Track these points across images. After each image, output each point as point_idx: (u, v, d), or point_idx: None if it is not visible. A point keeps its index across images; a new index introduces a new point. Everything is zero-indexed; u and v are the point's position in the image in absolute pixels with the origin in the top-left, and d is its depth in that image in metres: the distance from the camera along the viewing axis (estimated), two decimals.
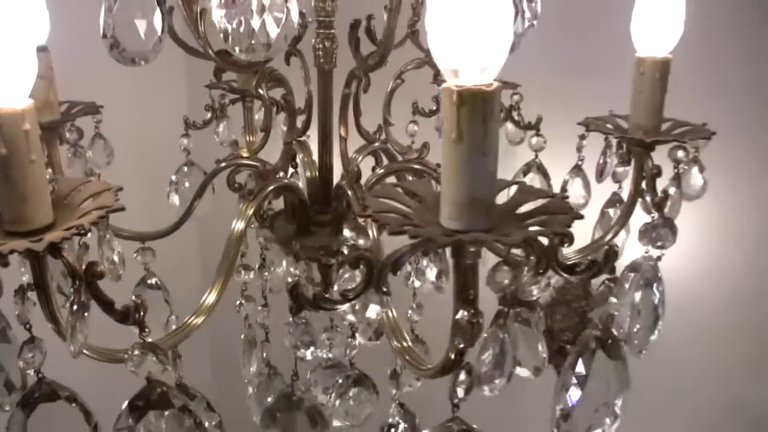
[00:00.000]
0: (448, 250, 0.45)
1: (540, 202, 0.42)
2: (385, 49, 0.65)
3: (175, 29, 0.64)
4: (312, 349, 0.56)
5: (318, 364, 0.77)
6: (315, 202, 0.75)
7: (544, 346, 0.54)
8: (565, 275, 0.43)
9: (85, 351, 0.51)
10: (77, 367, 0.54)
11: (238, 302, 0.84)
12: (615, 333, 0.51)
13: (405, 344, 0.53)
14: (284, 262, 0.87)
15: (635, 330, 0.61)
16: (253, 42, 0.51)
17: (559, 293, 1.83)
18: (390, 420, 0.61)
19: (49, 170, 0.71)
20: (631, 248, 0.72)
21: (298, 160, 0.78)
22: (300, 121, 0.75)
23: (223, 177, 0.78)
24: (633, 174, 0.69)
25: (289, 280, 0.79)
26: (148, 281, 0.73)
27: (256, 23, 0.52)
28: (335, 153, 0.75)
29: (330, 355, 0.77)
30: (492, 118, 0.40)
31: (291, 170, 0.78)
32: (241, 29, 0.51)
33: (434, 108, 0.95)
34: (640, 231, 0.65)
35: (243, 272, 0.81)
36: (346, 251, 0.43)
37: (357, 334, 0.73)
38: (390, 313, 0.53)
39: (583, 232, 0.59)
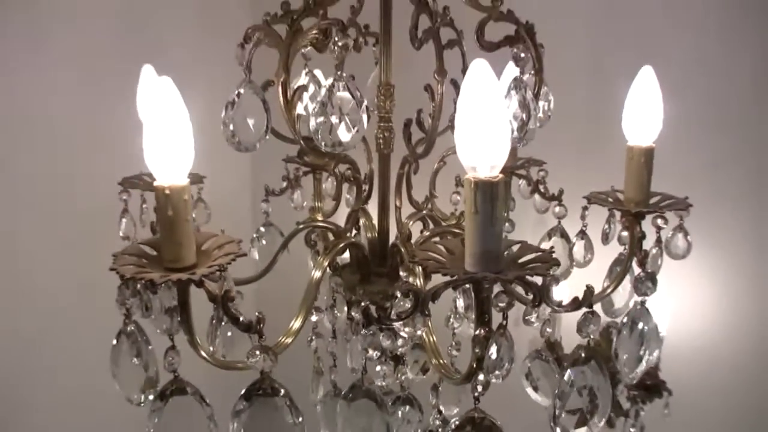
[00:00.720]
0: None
1: (534, 255, 0.61)
2: (429, 143, 0.85)
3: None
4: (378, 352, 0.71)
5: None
6: (374, 257, 0.95)
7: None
8: (555, 308, 0.61)
9: (207, 357, 0.71)
10: None
11: (309, 337, 1.03)
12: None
13: (441, 361, 0.71)
14: (344, 308, 1.07)
15: (625, 357, 0.78)
16: (332, 138, 0.73)
17: (587, 353, 1.94)
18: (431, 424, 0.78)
19: None
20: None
21: (361, 224, 0.98)
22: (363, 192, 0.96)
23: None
24: (629, 238, 0.86)
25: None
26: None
27: (336, 125, 0.73)
28: (391, 219, 0.96)
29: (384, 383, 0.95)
30: (498, 198, 0.59)
31: (355, 231, 0.99)
32: (324, 128, 0.72)
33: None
34: (632, 284, 0.82)
35: (314, 312, 1.01)
36: (399, 293, 0.60)
37: (407, 368, 0.90)
38: (431, 336, 0.72)
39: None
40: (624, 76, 0.86)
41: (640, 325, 0.78)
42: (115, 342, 0.74)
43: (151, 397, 0.76)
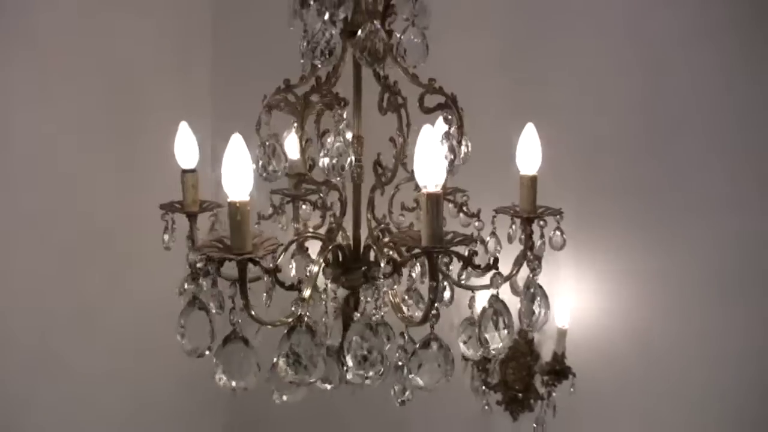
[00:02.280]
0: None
1: (461, 237, 1.02)
2: (391, 176, 1.27)
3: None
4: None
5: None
6: (351, 257, 1.35)
7: None
8: (474, 268, 1.02)
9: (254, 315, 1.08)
10: None
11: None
12: None
13: (404, 312, 1.11)
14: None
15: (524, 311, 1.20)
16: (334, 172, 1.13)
17: (510, 351, 2.39)
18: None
19: None
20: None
21: (339, 235, 1.37)
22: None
23: None
24: (524, 236, 1.29)
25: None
26: None
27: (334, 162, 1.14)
28: (362, 230, 1.36)
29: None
30: (440, 204, 1.00)
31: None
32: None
33: (414, 206, 1.57)
34: (528, 266, 1.25)
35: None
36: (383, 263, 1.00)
37: None
38: (395, 299, 1.11)
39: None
40: (518, 129, 1.30)
41: (532, 290, 1.21)
42: (185, 309, 1.11)
43: (207, 351, 1.12)
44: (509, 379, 2.34)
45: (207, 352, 1.13)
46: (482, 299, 1.20)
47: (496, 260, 1.08)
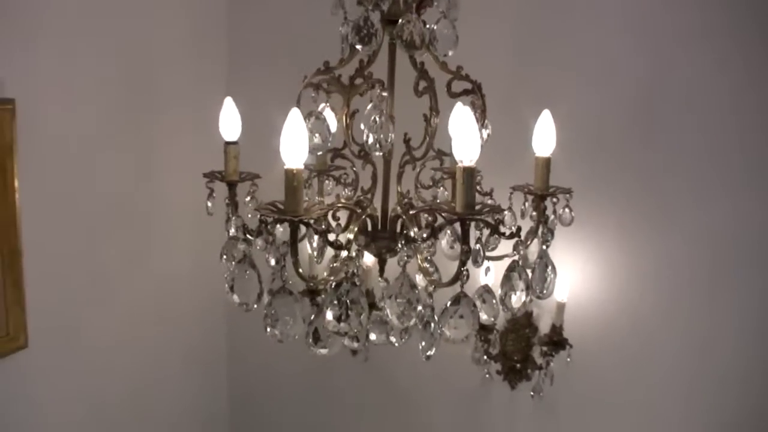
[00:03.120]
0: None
1: (490, 207, 1.15)
2: (425, 153, 1.40)
3: None
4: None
5: None
6: (381, 226, 1.48)
7: None
8: (499, 234, 1.16)
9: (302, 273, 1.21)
10: None
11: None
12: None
13: (431, 275, 1.24)
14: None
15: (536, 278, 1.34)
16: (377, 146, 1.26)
17: (510, 323, 2.55)
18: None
19: None
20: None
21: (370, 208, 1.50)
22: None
23: None
24: (537, 212, 1.43)
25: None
26: None
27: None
28: (390, 202, 1.49)
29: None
30: (473, 177, 1.13)
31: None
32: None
33: (430, 184, 1.69)
34: (539, 237, 1.39)
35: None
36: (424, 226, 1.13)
37: None
38: (425, 263, 1.24)
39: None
40: (534, 115, 1.44)
41: (544, 259, 1.35)
42: (236, 265, 1.23)
43: (255, 305, 1.25)
44: (508, 350, 2.49)
45: (255, 306, 1.25)
46: (495, 272, 1.35)
47: (519, 228, 1.22)
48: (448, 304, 1.18)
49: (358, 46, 1.34)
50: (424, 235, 1.15)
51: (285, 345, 1.29)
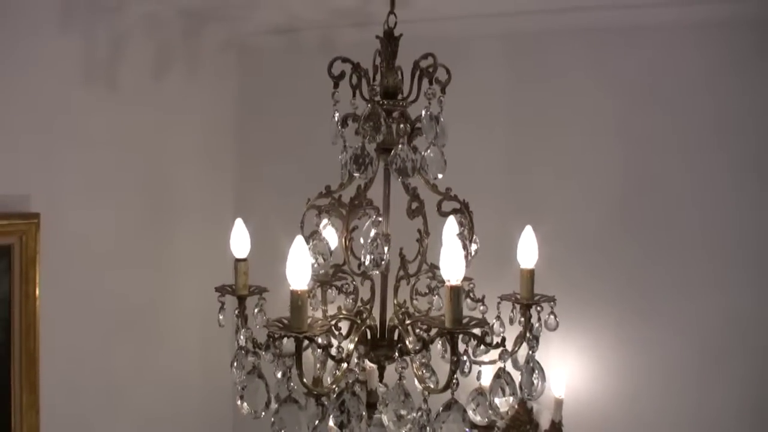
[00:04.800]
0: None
1: (476, 320, 1.27)
2: (418, 269, 1.54)
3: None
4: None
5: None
6: (379, 335, 1.59)
7: None
8: (486, 346, 1.27)
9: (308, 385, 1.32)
10: None
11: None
12: None
13: (425, 382, 1.35)
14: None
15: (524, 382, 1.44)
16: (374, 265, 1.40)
17: (511, 420, 2.61)
18: None
19: None
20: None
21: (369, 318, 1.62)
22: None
23: None
24: (524, 319, 1.54)
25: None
26: None
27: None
28: (387, 313, 1.61)
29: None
30: (460, 294, 1.26)
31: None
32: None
33: (426, 292, 1.82)
34: (527, 344, 1.50)
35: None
36: (415, 338, 1.24)
37: None
38: (420, 371, 1.35)
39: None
40: (518, 230, 1.58)
41: (531, 364, 1.45)
42: (246, 377, 1.34)
43: (263, 413, 1.35)
44: None
45: (263, 414, 1.35)
46: (488, 374, 1.45)
47: (504, 339, 1.33)
48: (441, 410, 1.28)
49: (356, 174, 1.51)
50: (417, 347, 1.27)
51: None
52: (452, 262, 1.25)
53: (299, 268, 1.27)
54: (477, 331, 1.30)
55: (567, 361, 2.48)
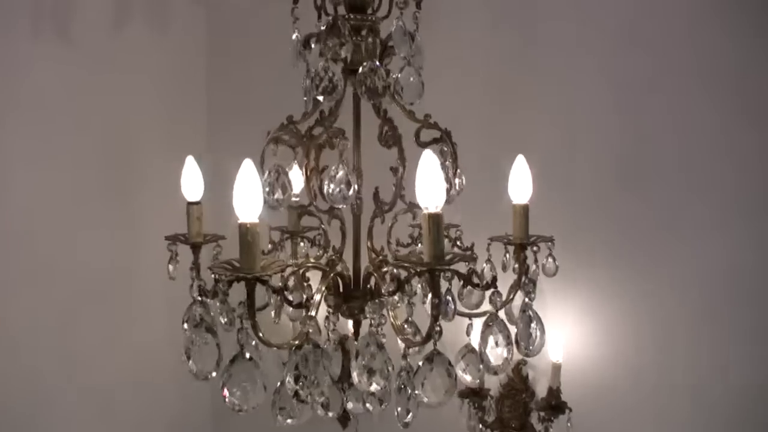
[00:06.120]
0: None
1: (461, 254, 1.07)
2: (391, 205, 1.33)
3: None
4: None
5: None
6: (353, 285, 1.39)
7: None
8: (473, 286, 1.07)
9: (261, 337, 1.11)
10: None
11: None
12: None
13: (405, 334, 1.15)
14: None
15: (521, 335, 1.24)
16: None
17: (505, 389, 2.42)
18: None
19: None
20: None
21: (339, 266, 1.42)
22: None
23: None
24: (518, 262, 1.34)
25: None
26: None
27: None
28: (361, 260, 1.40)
29: None
30: (440, 225, 1.05)
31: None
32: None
33: (409, 242, 1.61)
34: (522, 290, 1.30)
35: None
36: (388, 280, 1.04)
37: None
38: (396, 321, 1.15)
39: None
40: (508, 162, 1.37)
41: (529, 313, 1.25)
42: (192, 330, 1.14)
43: (213, 374, 1.15)
44: (505, 417, 2.35)
45: (213, 374, 1.15)
46: (479, 327, 1.25)
47: (495, 279, 1.13)
48: (420, 364, 1.08)
49: (320, 98, 1.30)
50: (391, 289, 1.06)
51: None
52: (429, 185, 1.04)
53: (248, 195, 1.06)
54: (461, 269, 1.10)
55: (564, 323, 2.28)
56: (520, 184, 1.35)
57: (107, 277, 2.42)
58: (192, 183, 1.40)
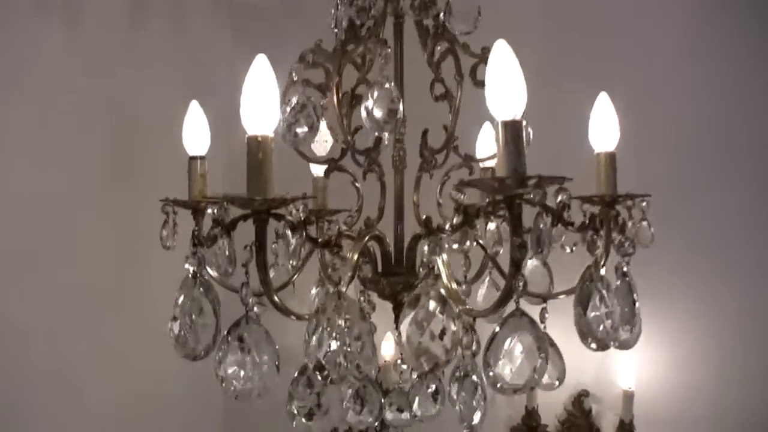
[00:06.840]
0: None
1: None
2: (446, 155, 1.05)
3: None
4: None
5: None
6: (394, 258, 1.09)
7: None
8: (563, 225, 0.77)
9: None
10: None
11: None
12: None
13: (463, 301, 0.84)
14: None
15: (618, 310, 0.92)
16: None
17: (564, 425, 2.07)
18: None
19: None
20: None
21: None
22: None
23: None
24: (604, 222, 1.03)
25: None
26: None
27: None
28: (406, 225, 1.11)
29: None
30: (521, 137, 0.77)
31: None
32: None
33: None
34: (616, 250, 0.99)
35: None
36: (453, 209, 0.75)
37: None
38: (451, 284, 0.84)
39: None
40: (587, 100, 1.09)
41: (628, 279, 0.95)
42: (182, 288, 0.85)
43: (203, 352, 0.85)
44: None
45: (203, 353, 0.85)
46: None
47: (594, 217, 0.82)
48: (497, 329, 0.77)
49: (356, 20, 1.04)
50: (455, 222, 0.76)
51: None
52: (506, 88, 0.76)
53: (260, 100, 0.79)
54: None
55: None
56: (604, 127, 1.07)
57: (114, 276, 2.17)
58: (195, 132, 1.14)
